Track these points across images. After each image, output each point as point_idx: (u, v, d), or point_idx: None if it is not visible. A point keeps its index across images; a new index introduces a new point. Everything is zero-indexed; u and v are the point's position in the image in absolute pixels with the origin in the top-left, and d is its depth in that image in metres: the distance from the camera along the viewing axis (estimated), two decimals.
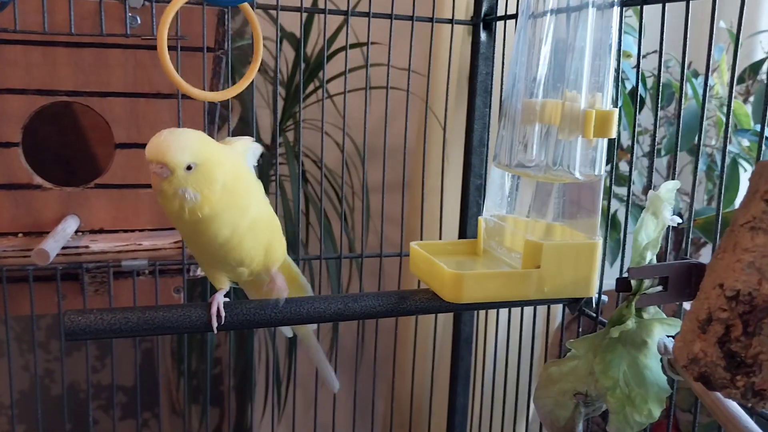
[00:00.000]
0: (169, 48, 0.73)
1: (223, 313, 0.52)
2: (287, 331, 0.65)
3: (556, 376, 0.55)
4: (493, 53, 0.79)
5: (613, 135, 0.58)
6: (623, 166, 1.23)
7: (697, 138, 0.61)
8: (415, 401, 1.16)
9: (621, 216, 1.11)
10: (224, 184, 0.48)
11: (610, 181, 0.67)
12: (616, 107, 0.59)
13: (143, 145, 0.77)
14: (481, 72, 0.79)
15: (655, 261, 0.51)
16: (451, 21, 0.79)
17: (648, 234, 0.51)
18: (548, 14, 0.60)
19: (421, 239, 0.84)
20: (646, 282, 0.51)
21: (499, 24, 0.79)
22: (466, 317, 0.84)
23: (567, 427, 0.54)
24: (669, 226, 0.52)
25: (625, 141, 1.24)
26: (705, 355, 0.40)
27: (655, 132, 0.62)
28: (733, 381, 0.39)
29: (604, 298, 0.63)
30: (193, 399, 1.40)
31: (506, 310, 0.87)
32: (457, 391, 0.85)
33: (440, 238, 0.87)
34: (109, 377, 1.51)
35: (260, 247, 0.54)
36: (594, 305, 0.63)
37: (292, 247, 1.04)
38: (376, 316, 0.57)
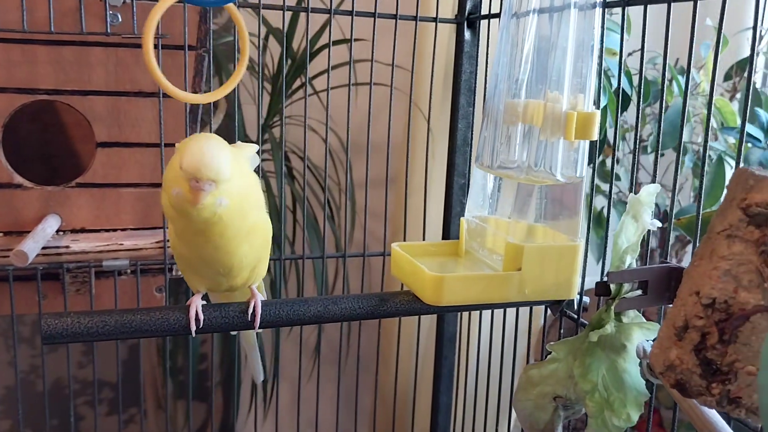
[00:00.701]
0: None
1: (201, 317, 0.51)
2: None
3: (536, 379, 0.55)
4: (477, 52, 0.79)
5: (595, 137, 0.57)
6: (612, 163, 1.23)
7: (678, 136, 0.61)
8: (399, 398, 1.16)
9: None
10: (240, 188, 0.48)
11: (593, 178, 0.67)
12: (599, 109, 0.59)
13: (125, 144, 0.77)
14: (465, 71, 0.79)
15: (635, 265, 0.51)
16: (435, 19, 0.79)
17: (628, 238, 0.51)
18: (531, 14, 0.59)
19: (405, 238, 0.84)
20: (626, 286, 0.51)
21: (483, 23, 0.78)
22: (449, 317, 0.84)
23: (546, 430, 0.54)
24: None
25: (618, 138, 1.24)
26: (681, 362, 0.40)
27: (636, 131, 0.62)
28: (709, 388, 0.39)
29: (586, 299, 0.63)
30: (180, 395, 1.40)
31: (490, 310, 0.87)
32: (441, 390, 0.85)
33: (424, 238, 0.86)
34: (94, 373, 1.50)
35: (253, 255, 0.54)
36: (576, 307, 0.63)
37: (277, 246, 1.04)
38: (357, 318, 0.57)
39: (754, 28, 0.49)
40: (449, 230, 0.85)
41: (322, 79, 1.19)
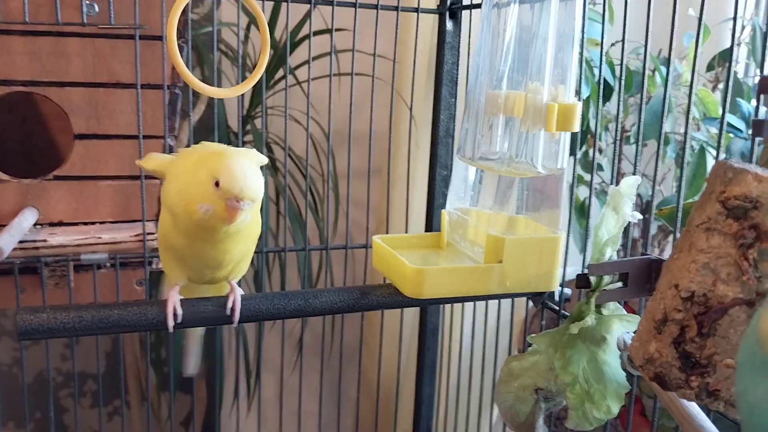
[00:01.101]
0: (126, 37, 0.71)
1: (179, 311, 0.51)
2: None
3: (517, 371, 0.55)
4: (459, 42, 0.78)
5: (577, 129, 0.57)
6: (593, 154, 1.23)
7: (659, 127, 0.61)
8: (384, 389, 1.16)
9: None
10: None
11: (574, 169, 0.67)
12: (580, 100, 0.58)
13: (103, 136, 0.76)
14: (447, 61, 0.78)
15: (615, 257, 0.51)
16: (416, 9, 0.78)
17: (608, 230, 0.51)
18: (512, 4, 0.59)
19: (388, 230, 0.84)
20: (606, 278, 0.51)
21: (465, 13, 0.78)
22: (432, 309, 0.84)
23: (527, 422, 0.54)
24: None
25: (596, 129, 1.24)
26: (660, 355, 0.40)
27: (617, 122, 0.62)
28: (688, 381, 0.40)
29: (568, 291, 0.63)
30: (163, 387, 1.39)
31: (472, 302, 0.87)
32: (424, 382, 0.85)
33: (407, 230, 0.86)
34: (78, 365, 1.49)
35: (243, 250, 0.54)
36: (557, 299, 0.63)
37: (260, 238, 1.03)
38: (338, 311, 0.57)
39: (734, 18, 0.49)
40: (432, 222, 0.85)
41: (305, 69, 1.17)
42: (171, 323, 0.50)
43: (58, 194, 0.74)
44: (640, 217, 0.52)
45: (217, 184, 0.46)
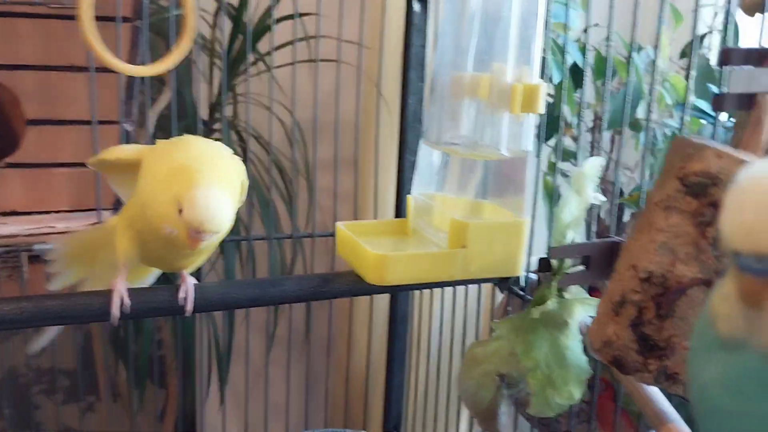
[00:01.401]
0: (75, 18, 0.69)
1: (127, 301, 0.49)
2: None
3: (480, 357, 0.54)
4: (426, 25, 0.76)
5: (541, 110, 0.56)
6: (570, 142, 1.23)
7: (621, 114, 0.61)
8: (356, 379, 1.15)
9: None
10: (231, 219, 0.49)
11: (538, 156, 0.65)
12: (552, 83, 0.57)
13: (58, 122, 0.73)
14: (415, 44, 0.76)
15: (577, 239, 0.50)
16: None
17: (571, 212, 0.50)
18: None
19: (356, 217, 0.82)
20: (568, 261, 0.49)
21: None
22: (402, 296, 0.83)
23: (489, 409, 0.53)
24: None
25: (570, 116, 1.23)
26: (618, 338, 0.39)
27: (581, 108, 0.60)
28: (646, 364, 0.38)
29: (534, 276, 0.62)
30: (136, 381, 1.37)
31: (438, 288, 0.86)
32: (394, 370, 0.83)
33: (376, 216, 0.85)
34: (50, 361, 1.46)
35: (206, 254, 0.53)
36: (523, 284, 0.62)
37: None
38: (297, 300, 0.55)
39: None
40: (401, 208, 0.83)
41: (278, 55, 1.15)
42: (116, 313, 0.48)
43: (10, 182, 0.71)
44: (603, 199, 0.50)
45: (183, 216, 0.45)
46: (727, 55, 0.34)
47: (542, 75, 0.60)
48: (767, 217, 0.25)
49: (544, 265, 0.50)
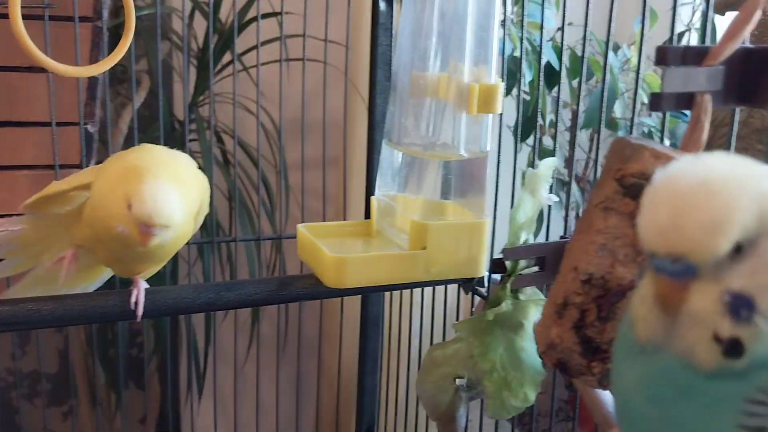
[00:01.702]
0: (36, 18, 0.68)
1: (72, 268, 0.49)
2: None
3: (440, 360, 0.54)
4: (392, 23, 0.76)
5: (499, 110, 0.56)
6: (548, 141, 1.22)
7: (601, 115, 0.60)
8: (325, 381, 1.15)
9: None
10: (185, 216, 0.49)
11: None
12: (503, 81, 0.57)
13: (18, 123, 0.72)
14: (382, 43, 0.76)
15: (531, 240, 0.50)
16: None
17: (525, 213, 0.49)
18: None
19: (324, 218, 0.82)
20: (522, 262, 0.49)
21: None
22: (374, 298, 0.82)
23: (448, 413, 0.52)
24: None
25: (549, 115, 1.23)
26: (561, 340, 0.38)
27: (557, 107, 0.60)
28: (590, 367, 0.38)
29: (497, 276, 0.62)
30: (115, 385, 1.36)
31: (423, 290, 0.85)
32: (366, 372, 0.83)
33: (345, 218, 0.84)
34: (31, 365, 1.45)
35: (164, 257, 0.53)
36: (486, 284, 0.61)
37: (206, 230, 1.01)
38: (254, 304, 0.55)
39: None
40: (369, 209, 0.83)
41: (253, 55, 1.14)
42: (64, 274, 0.48)
43: None
44: (557, 199, 0.50)
45: (131, 210, 0.45)
46: (663, 54, 0.34)
47: (519, 74, 0.60)
48: (681, 217, 0.24)
49: (497, 266, 0.50)
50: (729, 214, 0.24)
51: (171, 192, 0.46)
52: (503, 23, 0.58)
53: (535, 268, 0.49)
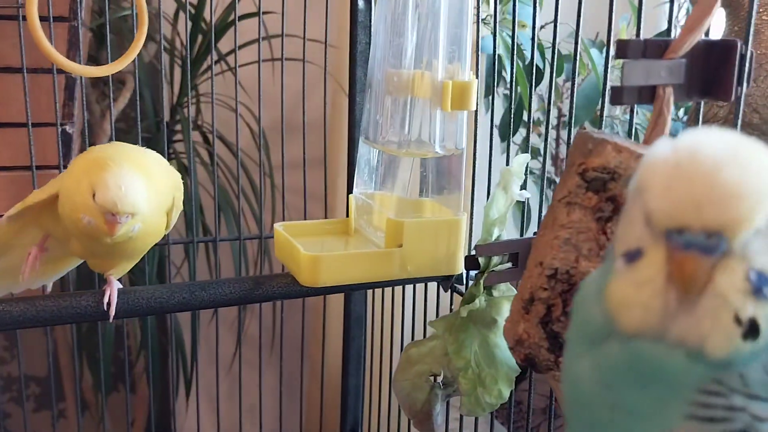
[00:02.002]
0: (8, 18, 0.68)
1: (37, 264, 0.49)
2: None
3: (415, 358, 0.53)
4: (370, 21, 0.76)
5: (473, 107, 0.55)
6: (535, 139, 1.23)
7: (591, 111, 0.60)
8: (310, 381, 1.14)
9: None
10: (152, 208, 0.49)
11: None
12: (477, 78, 0.57)
13: None
14: (361, 41, 0.76)
15: (504, 237, 0.50)
16: None
17: (498, 209, 0.49)
18: None
19: (326, 217, 0.82)
20: (495, 259, 0.49)
21: None
22: (357, 297, 0.82)
23: (424, 410, 0.52)
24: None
25: (537, 114, 1.23)
26: (529, 336, 0.38)
27: (548, 108, 0.60)
28: (557, 362, 0.38)
29: (472, 273, 0.61)
30: (113, 388, 1.36)
31: (407, 288, 0.85)
32: (350, 372, 0.83)
33: (326, 217, 0.84)
34: (19, 368, 1.44)
35: (135, 253, 0.52)
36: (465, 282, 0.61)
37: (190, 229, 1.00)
38: (229, 303, 0.55)
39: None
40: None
41: (239, 53, 1.14)
42: (28, 270, 0.48)
43: None
44: (529, 195, 0.50)
45: (95, 196, 0.46)
46: (624, 48, 0.33)
47: (499, 73, 0.60)
48: (716, 189, 0.23)
49: (471, 262, 0.49)
50: (764, 187, 0.23)
51: (135, 180, 0.47)
52: (484, 21, 0.58)
53: (509, 264, 0.49)
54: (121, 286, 0.51)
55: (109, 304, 0.50)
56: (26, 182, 0.71)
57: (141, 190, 0.46)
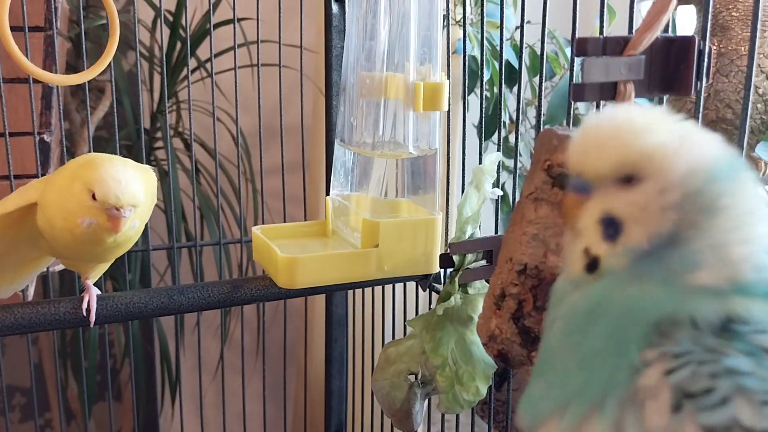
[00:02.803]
0: None
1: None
2: None
3: (393, 357, 0.54)
4: (344, 25, 0.76)
5: (445, 108, 0.56)
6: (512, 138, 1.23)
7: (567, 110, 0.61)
8: (293, 384, 1.14)
9: (508, 188, 1.11)
10: (147, 206, 0.50)
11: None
12: (448, 78, 0.57)
13: None
14: (336, 46, 0.76)
15: (477, 234, 0.50)
16: None
17: (471, 207, 0.50)
18: None
19: (306, 220, 0.82)
20: (469, 256, 0.49)
21: None
22: (337, 299, 0.82)
23: (403, 409, 0.53)
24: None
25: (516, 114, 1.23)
26: (501, 332, 0.39)
27: (519, 105, 0.61)
28: (530, 357, 0.39)
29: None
30: (88, 396, 1.34)
31: (388, 289, 0.86)
32: (333, 374, 0.83)
33: (306, 219, 0.84)
34: (5, 379, 1.43)
35: (117, 252, 0.52)
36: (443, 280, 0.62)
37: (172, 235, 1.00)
38: (208, 307, 0.55)
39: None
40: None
41: (217, 61, 1.14)
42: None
43: None
44: (501, 193, 0.51)
45: (93, 196, 0.45)
46: (583, 45, 0.34)
47: (481, 73, 0.60)
48: (586, 143, 0.29)
49: (445, 261, 0.50)
50: (618, 142, 0.28)
51: (130, 173, 0.47)
52: (459, 23, 0.59)
53: (483, 262, 0.49)
54: (99, 292, 0.51)
55: (88, 309, 0.50)
56: (4, 191, 0.71)
57: (138, 181, 0.47)
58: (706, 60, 0.36)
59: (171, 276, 1.11)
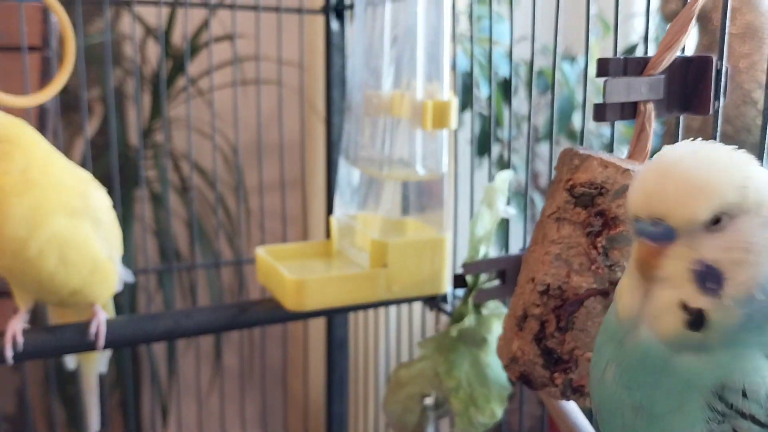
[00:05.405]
0: None
1: (20, 339, 0.46)
2: (70, 361, 0.60)
3: (405, 380, 0.53)
4: (344, 43, 0.76)
5: (453, 126, 0.56)
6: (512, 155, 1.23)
7: (563, 125, 0.61)
8: (292, 410, 1.13)
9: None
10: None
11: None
12: (456, 96, 0.57)
13: None
14: (336, 63, 0.76)
15: (490, 254, 0.50)
16: (299, 11, 0.76)
17: (484, 226, 0.49)
18: (385, 2, 0.57)
19: (285, 241, 0.81)
20: (483, 276, 0.49)
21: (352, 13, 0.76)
22: (338, 321, 0.81)
23: None
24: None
25: (514, 128, 1.24)
26: (523, 353, 0.38)
27: (510, 120, 0.61)
28: (552, 378, 0.38)
29: (460, 292, 0.62)
30: (75, 425, 1.31)
31: (389, 310, 0.85)
32: (333, 398, 0.82)
33: (306, 239, 0.83)
34: None
35: (79, 267, 0.50)
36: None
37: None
38: (214, 330, 0.54)
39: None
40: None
41: (205, 81, 1.13)
42: (9, 354, 0.46)
43: None
44: (514, 211, 0.50)
45: None
46: (605, 66, 0.34)
47: (471, 90, 0.60)
48: (665, 183, 0.26)
49: (458, 281, 0.49)
50: (710, 183, 0.25)
51: None
52: (454, 39, 0.59)
53: (497, 282, 0.49)
54: (108, 317, 0.50)
55: (96, 334, 0.49)
56: None
57: None
58: (723, 79, 0.37)
59: (163, 299, 1.09)
